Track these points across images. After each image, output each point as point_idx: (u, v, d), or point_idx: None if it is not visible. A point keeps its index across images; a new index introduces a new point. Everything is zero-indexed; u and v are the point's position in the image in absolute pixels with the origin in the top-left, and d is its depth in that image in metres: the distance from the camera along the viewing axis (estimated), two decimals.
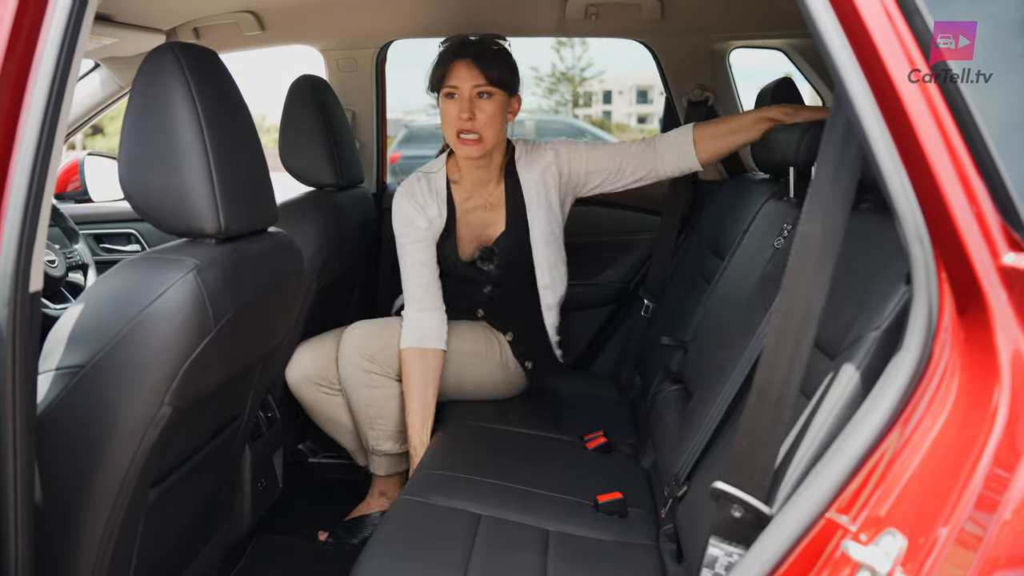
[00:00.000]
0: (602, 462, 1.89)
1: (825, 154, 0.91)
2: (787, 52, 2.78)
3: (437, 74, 2.04)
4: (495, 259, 2.17)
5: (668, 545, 1.49)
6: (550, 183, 2.16)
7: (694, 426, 1.55)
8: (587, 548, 1.48)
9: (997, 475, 0.72)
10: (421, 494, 1.62)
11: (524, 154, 2.18)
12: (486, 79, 2.00)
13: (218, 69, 1.26)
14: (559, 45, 22.37)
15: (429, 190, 2.14)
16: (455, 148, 2.05)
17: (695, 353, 2.00)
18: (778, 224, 1.75)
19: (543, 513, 1.58)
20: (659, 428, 1.92)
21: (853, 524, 0.83)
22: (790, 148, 1.70)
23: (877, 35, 0.80)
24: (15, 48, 0.92)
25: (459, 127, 1.99)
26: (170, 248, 1.20)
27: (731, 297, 1.92)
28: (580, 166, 2.16)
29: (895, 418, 0.82)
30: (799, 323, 0.91)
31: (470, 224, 2.17)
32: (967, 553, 0.72)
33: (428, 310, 2.06)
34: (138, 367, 1.09)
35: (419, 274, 2.08)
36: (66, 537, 1.12)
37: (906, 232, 0.82)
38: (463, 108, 1.98)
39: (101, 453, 1.10)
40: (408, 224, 2.10)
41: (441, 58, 2.04)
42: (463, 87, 1.99)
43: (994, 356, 0.75)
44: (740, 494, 0.95)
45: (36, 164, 0.91)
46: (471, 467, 1.76)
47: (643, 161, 2.14)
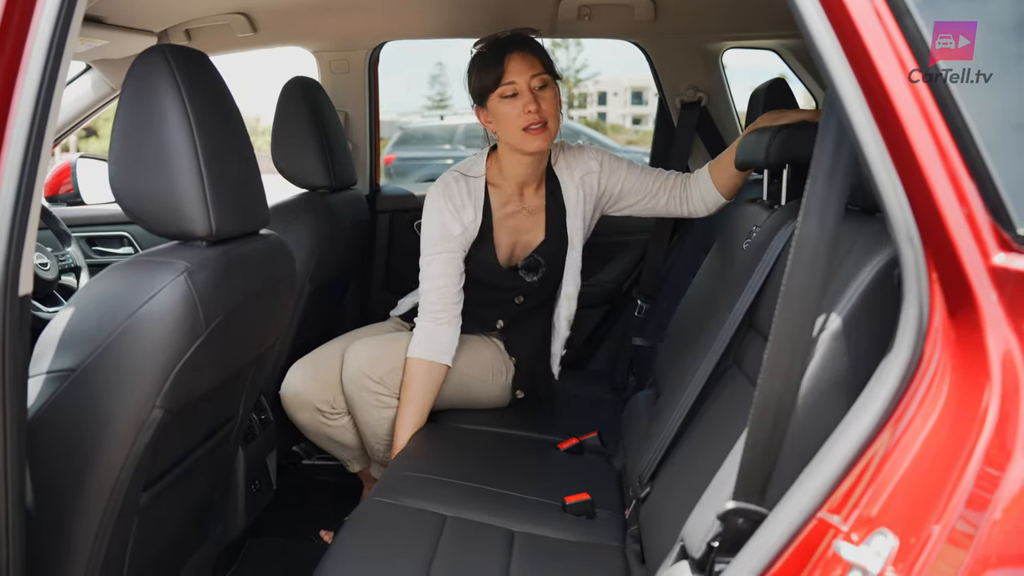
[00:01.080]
0: (574, 463, 1.89)
1: (820, 156, 0.91)
2: (780, 52, 2.79)
3: (490, 77, 1.94)
4: (541, 270, 2.12)
5: (633, 546, 1.49)
6: (588, 193, 2.12)
7: (658, 426, 1.57)
8: (552, 549, 1.49)
9: (988, 474, 0.72)
10: (389, 495, 1.62)
11: (562, 156, 2.13)
12: (543, 66, 1.96)
13: (208, 71, 1.25)
14: (554, 46, 22.32)
15: (468, 192, 2.06)
16: (524, 146, 1.96)
17: (665, 354, 2.01)
18: (747, 227, 1.76)
19: (510, 514, 1.58)
20: (629, 429, 1.94)
21: (844, 524, 0.83)
22: (760, 151, 1.70)
23: (867, 36, 0.80)
24: (2, 51, 0.92)
25: (528, 121, 1.92)
26: (161, 251, 1.19)
27: (700, 298, 1.94)
28: (618, 184, 2.13)
29: (886, 418, 0.82)
30: (798, 328, 0.91)
31: (507, 229, 2.11)
32: (958, 552, 0.72)
33: (443, 324, 2.00)
34: (129, 370, 1.08)
35: (442, 287, 2.01)
36: (58, 540, 1.12)
37: (896, 233, 0.82)
38: (528, 101, 1.91)
39: (92, 456, 1.09)
40: (442, 232, 2.01)
41: (491, 59, 1.95)
42: (521, 81, 1.92)
43: (984, 356, 0.75)
44: (743, 505, 0.94)
45: (24, 167, 0.91)
46: (442, 469, 1.76)
47: (676, 194, 2.13)
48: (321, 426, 2.12)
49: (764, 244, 1.44)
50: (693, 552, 1.05)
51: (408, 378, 1.97)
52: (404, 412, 1.96)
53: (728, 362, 1.46)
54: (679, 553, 1.12)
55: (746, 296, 1.41)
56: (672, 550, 1.15)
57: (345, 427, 2.13)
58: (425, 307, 2.01)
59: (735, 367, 1.43)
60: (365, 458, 2.21)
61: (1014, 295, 0.76)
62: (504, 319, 2.20)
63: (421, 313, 2.02)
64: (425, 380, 1.97)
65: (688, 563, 1.07)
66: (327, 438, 2.16)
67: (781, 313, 0.92)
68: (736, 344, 1.44)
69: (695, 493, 1.12)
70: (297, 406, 2.10)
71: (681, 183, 2.14)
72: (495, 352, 2.18)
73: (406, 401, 1.96)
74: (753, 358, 1.36)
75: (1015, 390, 0.73)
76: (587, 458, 1.93)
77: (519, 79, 1.92)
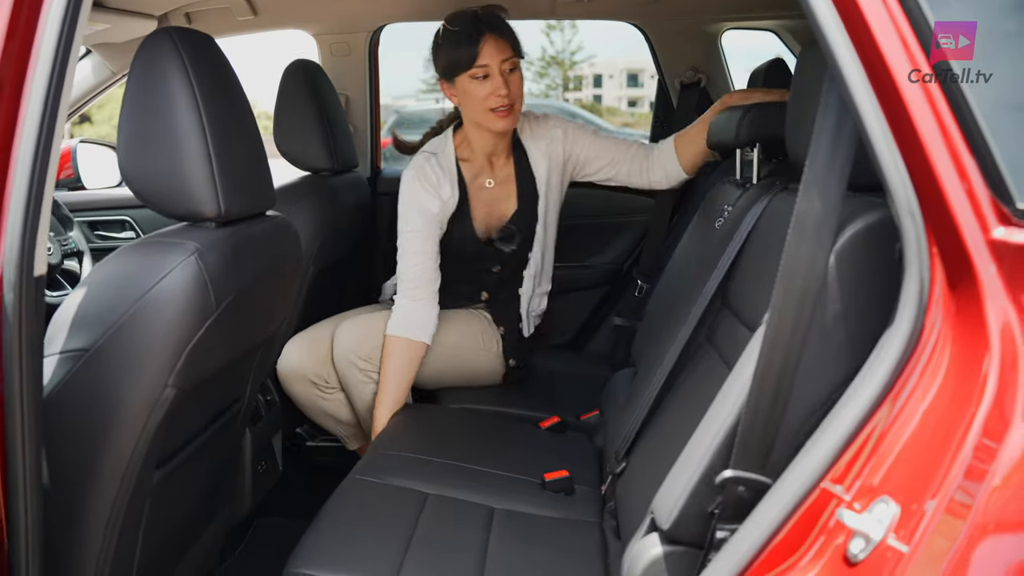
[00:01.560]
0: (554, 441, 1.92)
1: (820, 135, 0.93)
2: (778, 33, 2.79)
3: (464, 56, 1.97)
4: (516, 238, 2.16)
5: (610, 521, 1.52)
6: (555, 161, 2.17)
7: (634, 403, 1.59)
8: (531, 525, 1.52)
9: (986, 445, 0.74)
10: (370, 473, 1.64)
11: (527, 125, 2.18)
12: (512, 51, 2.00)
13: (215, 53, 1.26)
14: (549, 29, 22.29)
15: (441, 169, 2.10)
16: (489, 124, 2.02)
17: (643, 332, 2.04)
18: (720, 206, 1.77)
19: (490, 491, 1.61)
20: (608, 406, 1.97)
21: (847, 494, 0.86)
22: (730, 130, 1.72)
23: (871, 16, 0.82)
24: (15, 34, 0.93)
25: (497, 103, 1.97)
26: (171, 232, 1.20)
27: (676, 278, 1.96)
28: (583, 149, 2.19)
29: (888, 389, 0.84)
30: (798, 300, 0.92)
31: (482, 201, 2.16)
32: (958, 519, 0.74)
33: (420, 300, 2.04)
34: (142, 349, 1.10)
35: (419, 263, 2.04)
36: (72, 519, 1.13)
37: (898, 208, 0.84)
38: (499, 84, 1.96)
39: (106, 434, 1.11)
40: (419, 211, 2.05)
41: (464, 39, 1.97)
42: (493, 64, 1.97)
43: (984, 327, 0.77)
44: (744, 474, 0.96)
45: (38, 149, 0.92)
46: (424, 447, 1.79)
47: (637, 165, 2.19)
48: (316, 399, 2.16)
49: (736, 222, 1.46)
50: (662, 523, 1.08)
51: (386, 355, 2.00)
52: (384, 390, 1.99)
53: (700, 338, 1.48)
54: (649, 525, 1.14)
55: (718, 274, 1.43)
56: (643, 522, 1.18)
57: (341, 401, 2.17)
58: (403, 286, 2.06)
59: (707, 344, 1.46)
60: (362, 435, 2.24)
61: (1013, 268, 0.78)
62: (487, 291, 2.25)
63: (399, 292, 2.07)
64: (403, 357, 2.00)
65: (658, 535, 1.10)
66: (323, 412, 2.19)
67: (780, 285, 0.94)
68: (708, 321, 1.47)
69: (667, 467, 1.14)
70: (293, 380, 2.13)
71: (643, 154, 2.20)
72: (483, 323, 2.22)
73: (386, 379, 1.99)
74: (725, 334, 1.39)
75: (1013, 360, 0.75)
76: (568, 436, 1.97)
77: (492, 62, 1.96)
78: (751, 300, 1.29)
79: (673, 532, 1.07)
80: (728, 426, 1.02)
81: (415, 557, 1.36)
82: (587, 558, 1.42)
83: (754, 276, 1.31)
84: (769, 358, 0.94)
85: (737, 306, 1.36)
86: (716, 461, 1.03)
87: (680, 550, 1.07)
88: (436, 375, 2.14)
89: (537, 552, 1.43)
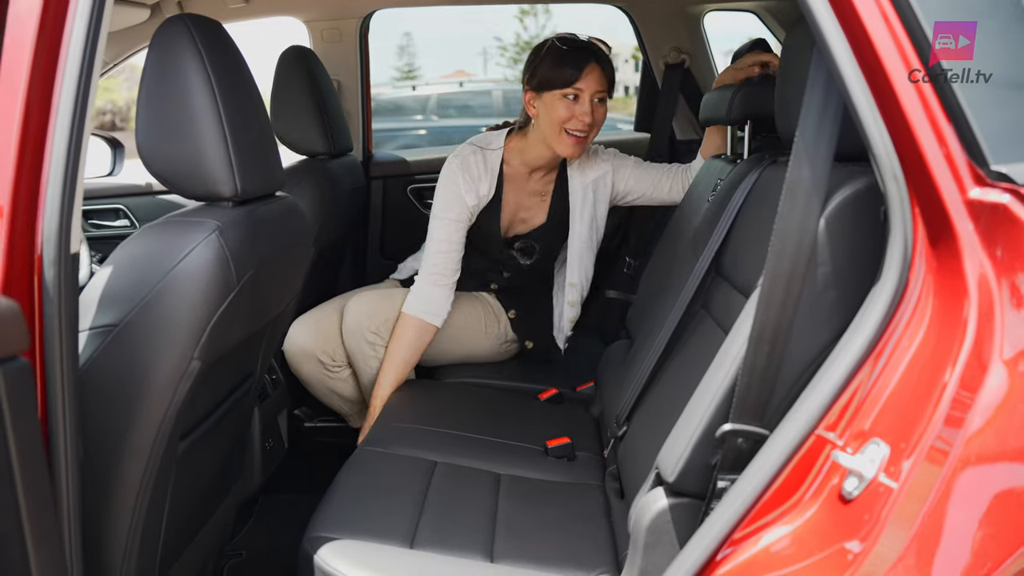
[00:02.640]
0: (554, 411, 2.00)
1: (809, 105, 0.99)
2: (759, 14, 2.86)
3: (564, 75, 2.02)
4: (535, 255, 2.24)
5: (612, 484, 1.59)
6: (601, 194, 2.24)
7: (633, 370, 1.66)
8: (536, 488, 1.59)
9: (969, 381, 0.81)
10: (379, 444, 1.71)
11: (579, 159, 2.23)
12: (608, 86, 2.07)
13: (225, 38, 1.30)
14: (522, 15, 22.23)
15: (484, 165, 2.16)
16: (556, 142, 2.07)
17: (638, 304, 2.11)
18: (713, 180, 1.84)
19: (496, 458, 1.69)
20: (605, 376, 2.04)
21: (840, 439, 0.93)
22: (722, 108, 1.79)
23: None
24: (46, 24, 0.97)
25: (576, 127, 2.03)
26: (191, 211, 1.25)
27: (669, 250, 2.03)
28: (625, 181, 2.27)
29: (877, 339, 0.91)
30: (790, 263, 0.99)
31: (511, 203, 2.23)
32: (942, 455, 0.81)
33: (439, 287, 2.10)
34: (169, 324, 1.14)
35: (445, 251, 2.10)
36: (106, 491, 1.18)
37: (883, 172, 0.91)
38: (585, 111, 2.02)
39: (137, 406, 1.15)
40: (454, 199, 2.11)
41: (568, 58, 2.03)
42: (588, 91, 2.03)
43: (963, 278, 0.84)
44: (743, 427, 1.03)
45: (73, 127, 0.97)
46: (429, 419, 1.85)
47: (679, 181, 2.25)
48: (324, 378, 2.21)
49: (727, 195, 1.53)
50: (667, 476, 1.15)
51: (399, 331, 2.06)
52: (389, 364, 2.04)
53: (696, 307, 1.55)
54: (654, 480, 1.21)
55: (712, 244, 1.50)
56: (648, 479, 1.25)
57: (346, 380, 2.23)
58: (426, 267, 2.10)
59: (703, 311, 1.53)
60: (365, 413, 2.30)
61: (988, 224, 0.85)
62: (497, 283, 2.32)
63: (421, 272, 2.11)
64: (415, 337, 2.06)
65: (663, 488, 1.17)
66: (330, 391, 2.25)
67: (774, 250, 1.00)
68: (703, 290, 1.54)
69: (669, 427, 1.21)
70: (301, 359, 2.19)
71: (683, 172, 2.27)
72: (487, 307, 2.29)
73: (394, 354, 2.04)
74: (719, 301, 1.46)
75: (990, 305, 0.82)
76: (566, 406, 2.04)
77: (587, 89, 2.03)
78: (744, 267, 1.36)
79: (678, 485, 1.14)
80: (727, 384, 1.09)
81: (429, 520, 1.43)
82: (592, 518, 1.49)
83: (747, 244, 1.38)
84: (764, 319, 1.01)
85: (731, 274, 1.43)
86: (716, 416, 1.09)
87: (684, 501, 1.14)
88: (436, 353, 2.20)
89: (544, 513, 1.49)
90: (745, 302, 1.16)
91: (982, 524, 0.80)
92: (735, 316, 1.16)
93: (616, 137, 3.27)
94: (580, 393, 2.11)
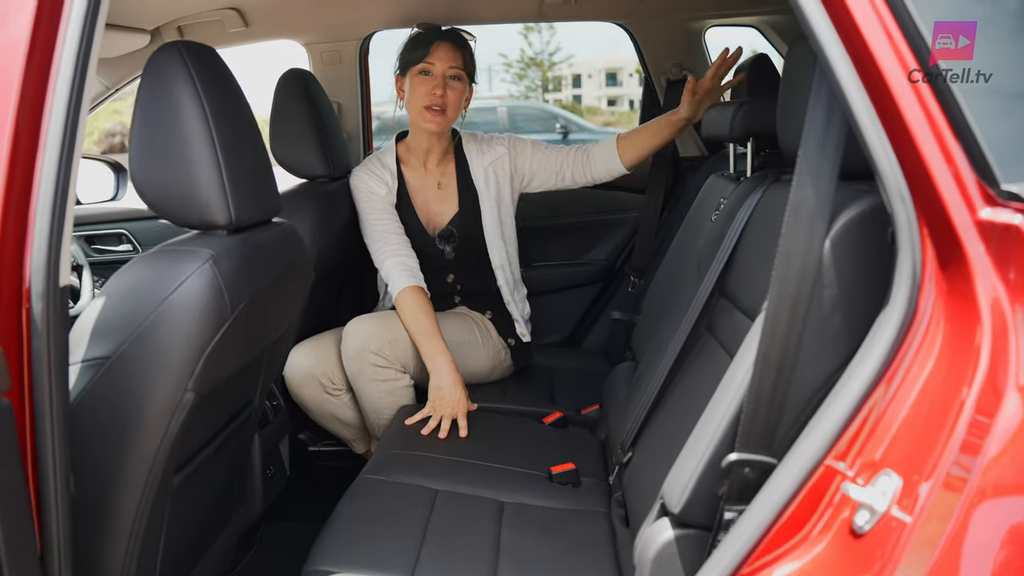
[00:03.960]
0: (558, 435, 1.96)
1: (811, 126, 0.97)
2: (760, 28, 2.84)
3: (416, 54, 2.17)
4: (453, 240, 2.30)
5: (618, 511, 1.55)
6: (502, 175, 2.33)
7: (638, 394, 1.63)
8: (540, 516, 1.55)
9: (983, 411, 0.78)
10: (381, 472, 1.68)
11: (474, 143, 2.36)
12: (461, 63, 2.19)
13: (219, 64, 1.29)
14: (527, 31, 22.32)
15: (382, 165, 2.30)
16: (419, 121, 2.20)
17: (642, 325, 2.08)
18: (715, 199, 1.82)
19: (499, 486, 1.65)
20: (609, 399, 2.00)
21: (850, 469, 0.90)
22: (724, 125, 1.77)
23: (857, 12, 0.86)
24: (35, 51, 0.96)
25: (430, 101, 2.15)
26: (185, 240, 1.23)
27: (673, 270, 2.01)
28: (526, 163, 2.35)
29: (886, 366, 0.88)
30: (795, 286, 0.96)
31: (420, 198, 2.33)
32: (957, 489, 0.78)
33: (402, 255, 2.17)
34: (162, 355, 1.12)
35: (388, 233, 2.20)
36: (100, 523, 1.16)
37: (889, 193, 0.88)
38: (436, 84, 2.15)
39: (130, 440, 1.13)
40: (370, 192, 2.25)
41: (421, 39, 2.18)
42: (439, 66, 2.16)
43: (975, 303, 0.81)
44: (749, 456, 1.00)
45: (61, 160, 0.95)
46: (431, 446, 1.82)
47: (579, 167, 2.34)
48: (325, 402, 2.19)
49: (731, 215, 1.50)
50: (672, 507, 1.12)
51: (415, 307, 2.07)
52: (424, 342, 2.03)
53: (701, 329, 1.52)
54: (659, 510, 1.17)
55: (716, 265, 1.47)
56: (653, 507, 1.21)
57: (347, 404, 2.21)
58: (383, 249, 2.19)
59: (708, 333, 1.50)
60: (368, 439, 2.28)
61: (1000, 246, 0.82)
62: (457, 295, 2.37)
63: (382, 256, 2.18)
64: (420, 304, 2.08)
65: (669, 518, 1.13)
66: (331, 416, 2.23)
67: (778, 273, 0.98)
68: (708, 312, 1.51)
69: (674, 454, 1.18)
70: (301, 384, 2.17)
71: (583, 155, 2.34)
72: (469, 317, 2.31)
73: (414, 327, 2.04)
74: (724, 323, 1.43)
75: (1004, 332, 0.79)
76: (571, 430, 2.01)
77: (438, 64, 2.16)
78: (749, 289, 1.33)
79: (683, 516, 1.11)
80: (732, 411, 1.06)
81: (430, 552, 1.40)
82: (597, 547, 1.46)
83: (751, 265, 1.35)
84: (769, 344, 0.98)
85: (735, 295, 1.41)
86: (722, 445, 1.06)
87: (691, 533, 1.11)
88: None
89: (548, 543, 1.46)
90: (750, 325, 1.13)
91: (1002, 560, 0.76)
92: (740, 339, 1.13)
93: None
94: (585, 416, 2.08)
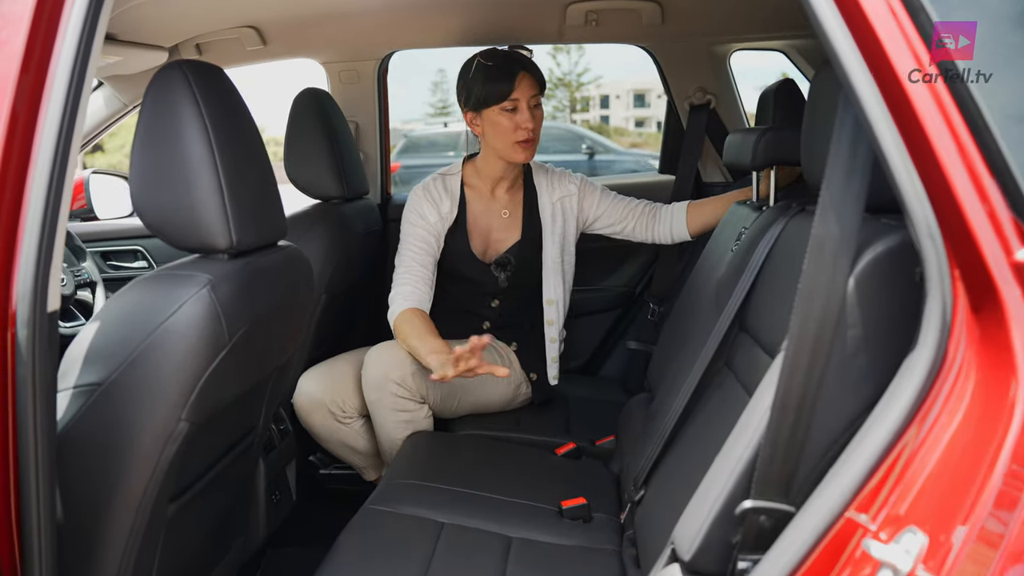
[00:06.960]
0: (571, 467, 1.90)
1: (836, 156, 0.92)
2: (787, 53, 2.79)
3: (497, 90, 2.08)
4: (510, 268, 2.23)
5: (629, 550, 1.49)
6: (569, 213, 2.28)
7: (652, 428, 1.57)
8: (548, 553, 1.49)
9: (1017, 471, 0.72)
10: (385, 503, 1.63)
11: (544, 176, 2.31)
12: (540, 89, 2.15)
13: (225, 84, 1.26)
14: (555, 51, 22.43)
15: (445, 188, 2.22)
16: (512, 156, 2.13)
17: (660, 356, 2.02)
18: (736, 229, 1.76)
19: (506, 520, 1.59)
20: (625, 432, 1.94)
21: (873, 523, 0.84)
22: (746, 152, 1.72)
23: (883, 33, 0.81)
24: (28, 68, 0.93)
25: (524, 137, 2.10)
26: (183, 264, 1.20)
27: (692, 300, 1.95)
28: (592, 206, 2.31)
29: (912, 416, 0.83)
30: (817, 326, 0.90)
31: (480, 224, 2.24)
32: (989, 549, 0.72)
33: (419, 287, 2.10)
34: (155, 383, 1.09)
35: (415, 264, 2.12)
36: (87, 554, 1.12)
37: (917, 229, 0.83)
38: (526, 118, 2.09)
39: (120, 469, 1.10)
40: (418, 216, 2.17)
41: (500, 73, 2.09)
42: (523, 99, 2.09)
43: (1010, 352, 0.76)
44: (765, 504, 0.94)
45: (51, 184, 0.92)
46: (438, 476, 1.76)
47: (643, 223, 2.32)
48: (335, 430, 2.14)
49: (752, 245, 1.46)
50: (683, 554, 1.06)
51: (409, 321, 1.99)
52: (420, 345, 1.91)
53: (719, 364, 1.47)
54: (670, 556, 1.12)
55: (735, 298, 1.42)
56: (663, 553, 1.15)
57: (358, 432, 2.15)
58: (405, 279, 2.11)
59: (726, 368, 1.44)
60: (380, 465, 2.23)
61: None
62: (489, 321, 2.28)
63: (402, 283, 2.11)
64: (416, 319, 1.99)
65: (679, 565, 1.07)
66: (341, 443, 2.18)
67: (799, 311, 0.92)
68: (726, 345, 1.45)
69: (688, 495, 1.12)
70: (310, 410, 2.12)
71: (649, 213, 2.32)
72: (492, 347, 2.22)
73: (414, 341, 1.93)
74: (743, 359, 1.37)
75: None
76: (584, 462, 1.94)
77: (522, 97, 2.09)
78: (769, 324, 1.27)
79: (694, 563, 1.05)
80: (748, 455, 1.00)
81: None
82: None
83: (772, 299, 1.30)
84: (788, 386, 0.93)
85: (755, 330, 1.35)
86: (737, 491, 1.01)
87: None
88: (450, 405, 2.11)
89: None
90: (770, 362, 1.08)
91: None
92: (759, 376, 1.08)
93: (640, 180, 3.20)
94: (599, 448, 2.02)
